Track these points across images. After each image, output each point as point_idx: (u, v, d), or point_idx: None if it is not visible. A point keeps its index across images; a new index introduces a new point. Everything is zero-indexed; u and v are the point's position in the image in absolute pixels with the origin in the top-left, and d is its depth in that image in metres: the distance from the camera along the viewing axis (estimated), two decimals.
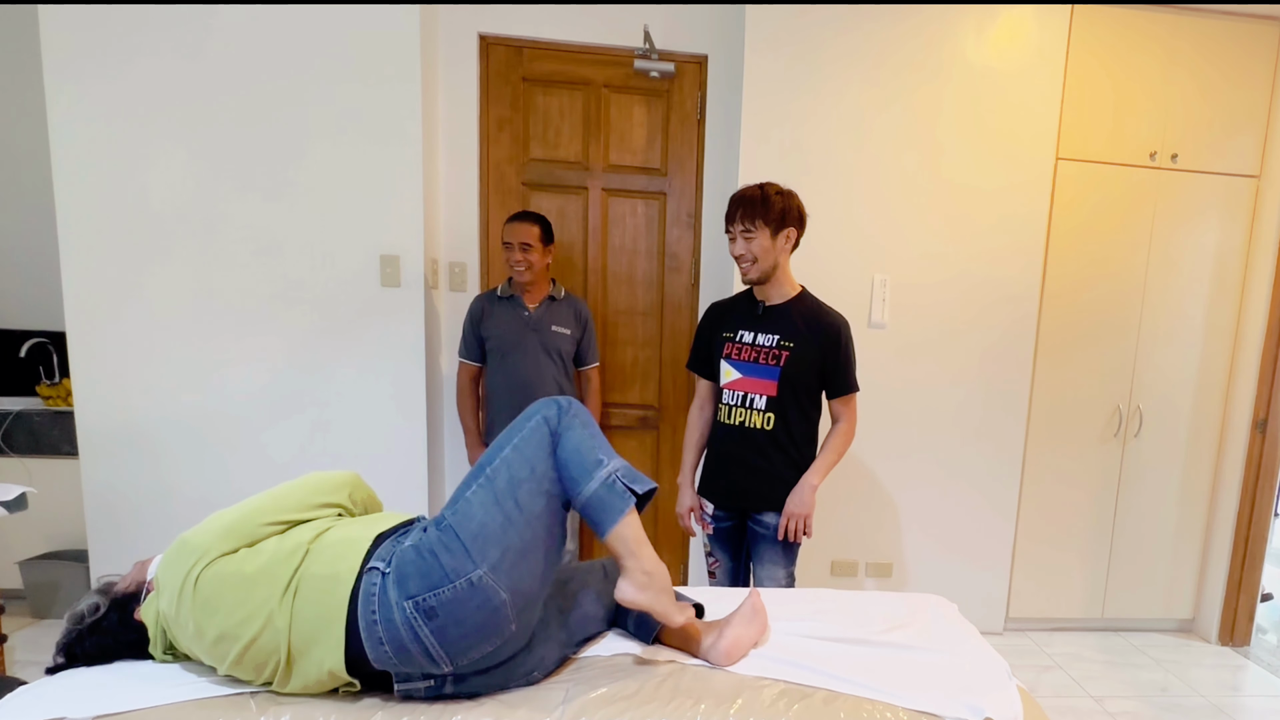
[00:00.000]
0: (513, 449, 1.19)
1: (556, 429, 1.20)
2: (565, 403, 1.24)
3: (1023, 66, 2.49)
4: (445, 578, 1.08)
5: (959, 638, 1.43)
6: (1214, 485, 2.84)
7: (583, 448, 1.19)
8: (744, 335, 1.87)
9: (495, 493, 1.15)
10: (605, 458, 1.20)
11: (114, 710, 1.06)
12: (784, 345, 1.83)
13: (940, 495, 2.69)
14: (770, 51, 2.41)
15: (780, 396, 1.83)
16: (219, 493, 2.38)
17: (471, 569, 1.09)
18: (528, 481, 1.17)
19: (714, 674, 1.23)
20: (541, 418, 1.21)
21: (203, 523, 1.16)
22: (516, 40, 2.60)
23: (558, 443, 1.19)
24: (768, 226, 1.76)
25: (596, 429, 1.25)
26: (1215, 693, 2.45)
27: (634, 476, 1.20)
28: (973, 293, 2.59)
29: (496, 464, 1.18)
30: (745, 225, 1.77)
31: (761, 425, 1.86)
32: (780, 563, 1.93)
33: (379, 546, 1.14)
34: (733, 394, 1.89)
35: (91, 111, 2.21)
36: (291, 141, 2.31)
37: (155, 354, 2.33)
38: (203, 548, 1.10)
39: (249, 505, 1.18)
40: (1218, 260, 2.71)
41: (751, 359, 1.85)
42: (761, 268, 1.81)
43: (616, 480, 1.18)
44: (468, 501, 1.15)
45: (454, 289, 2.67)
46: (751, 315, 1.89)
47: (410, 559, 1.10)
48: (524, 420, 1.23)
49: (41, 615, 2.54)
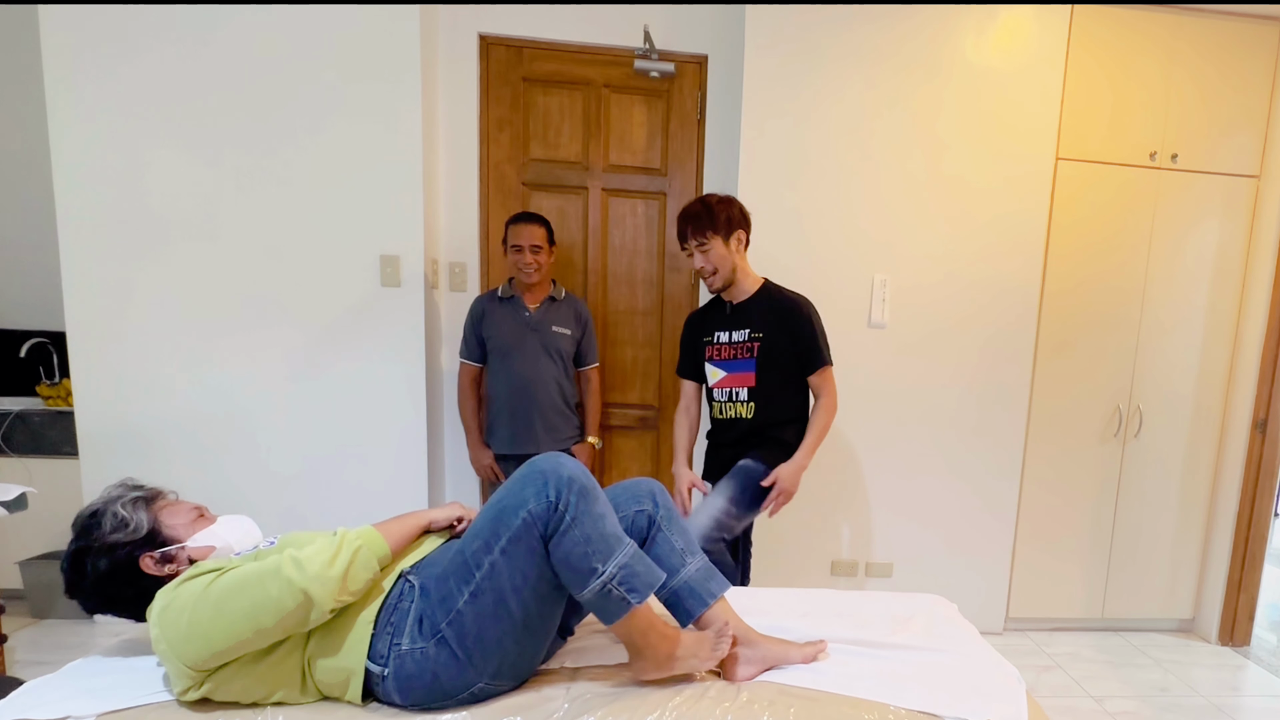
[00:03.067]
0: (501, 554, 1.08)
1: (545, 532, 1.07)
2: (554, 494, 1.07)
3: (1023, 66, 2.49)
4: (447, 693, 1.10)
5: (960, 639, 1.43)
6: (1214, 485, 2.84)
7: (573, 558, 1.07)
8: (720, 336, 2.00)
9: (492, 607, 1.08)
10: (600, 564, 1.07)
11: (116, 708, 1.06)
12: (754, 337, 1.94)
13: (940, 495, 2.69)
14: (770, 51, 2.41)
15: (759, 385, 1.95)
16: (219, 493, 2.38)
17: (473, 682, 1.11)
18: (521, 590, 1.09)
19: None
20: (529, 515, 1.07)
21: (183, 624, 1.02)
22: (516, 40, 2.59)
23: (549, 546, 1.08)
24: (718, 234, 1.89)
25: (595, 508, 1.10)
26: (1215, 693, 2.45)
27: (632, 582, 1.09)
28: (972, 293, 2.59)
29: (485, 569, 1.08)
30: (698, 239, 1.89)
31: (745, 415, 1.97)
32: (745, 508, 1.90)
33: (376, 629, 1.11)
34: (721, 392, 2.02)
35: (91, 111, 2.21)
36: (291, 142, 2.31)
37: (155, 354, 2.33)
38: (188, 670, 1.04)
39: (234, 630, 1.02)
40: (1218, 260, 2.71)
41: (730, 356, 1.98)
42: (723, 275, 1.94)
43: (612, 590, 1.08)
44: (461, 615, 1.08)
45: (454, 289, 2.67)
46: (722, 316, 2.02)
47: (410, 673, 1.09)
48: (510, 508, 1.08)
49: (41, 615, 2.54)
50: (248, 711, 1.07)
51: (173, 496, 1.26)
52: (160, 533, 1.16)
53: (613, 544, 1.09)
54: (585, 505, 1.08)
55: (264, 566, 1.04)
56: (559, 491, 1.07)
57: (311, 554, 1.05)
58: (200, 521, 1.22)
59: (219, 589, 1.03)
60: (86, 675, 1.16)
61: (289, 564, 1.03)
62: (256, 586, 1.02)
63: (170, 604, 1.04)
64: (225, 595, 1.02)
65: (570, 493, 1.07)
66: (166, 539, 1.16)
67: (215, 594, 1.02)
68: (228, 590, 1.03)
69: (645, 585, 1.11)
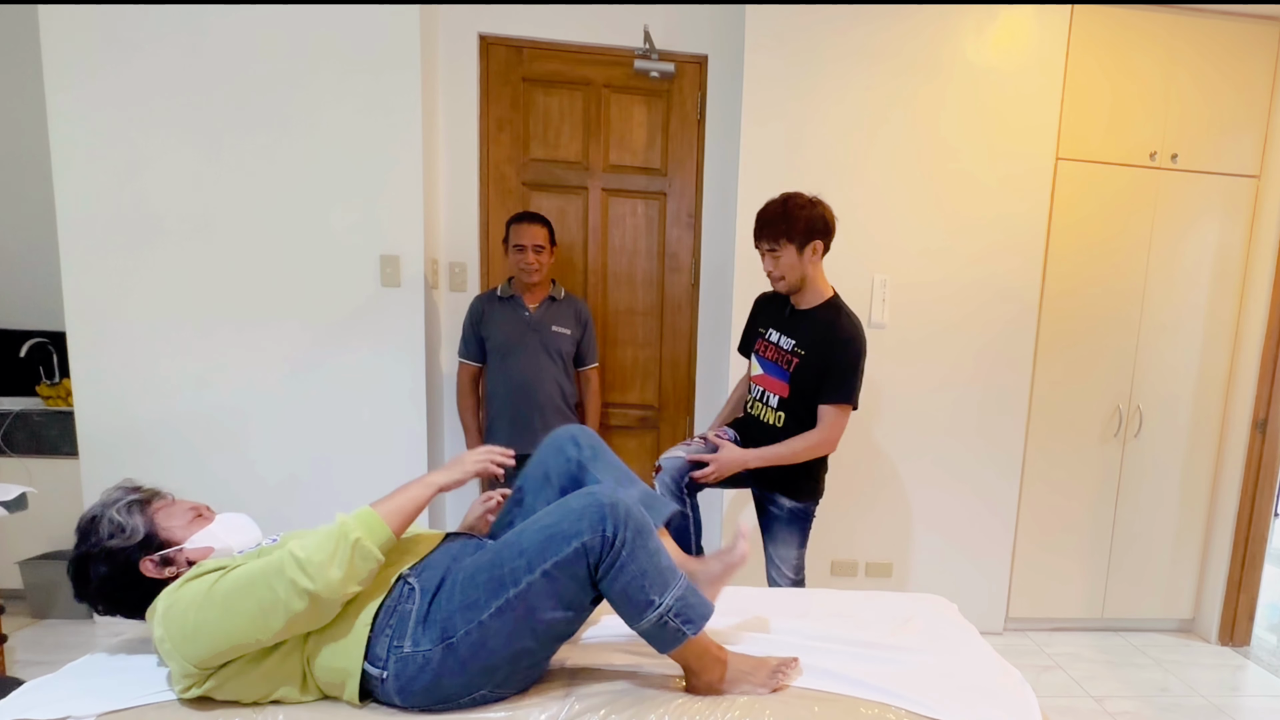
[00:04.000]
0: (544, 576, 1.06)
1: (595, 562, 1.06)
2: (612, 531, 1.06)
3: (1023, 66, 2.49)
4: (449, 697, 1.10)
5: (960, 639, 1.43)
6: (1214, 485, 2.84)
7: (630, 590, 1.07)
8: (772, 334, 1.93)
9: (515, 623, 1.07)
10: (657, 597, 1.07)
11: (116, 708, 1.06)
12: (797, 352, 1.86)
13: (940, 495, 2.69)
14: (770, 51, 2.41)
15: (790, 399, 1.88)
16: (219, 492, 2.37)
17: (478, 689, 1.10)
18: (553, 611, 1.08)
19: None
20: (582, 546, 1.05)
21: (187, 622, 1.01)
22: (516, 40, 2.59)
23: (598, 578, 1.07)
24: (792, 243, 1.78)
25: (650, 544, 1.09)
26: (1215, 693, 2.45)
27: (688, 614, 1.10)
28: (972, 293, 2.59)
29: (522, 587, 1.06)
30: (769, 244, 1.80)
31: (773, 422, 1.91)
32: (793, 544, 1.98)
33: (373, 632, 1.10)
34: (756, 387, 1.97)
35: (91, 111, 2.22)
36: (291, 141, 2.31)
37: (155, 354, 2.33)
38: (193, 668, 1.04)
39: (241, 629, 1.01)
40: (1218, 260, 2.71)
41: (773, 358, 1.91)
42: (790, 282, 1.84)
43: (669, 622, 1.08)
44: (484, 626, 1.06)
45: (454, 289, 2.67)
46: (781, 315, 1.93)
47: (411, 675, 1.08)
48: (564, 535, 1.06)
49: (41, 615, 2.54)
50: (248, 710, 1.07)
51: (170, 497, 1.26)
52: (157, 535, 1.16)
53: (668, 577, 1.10)
54: (641, 541, 1.08)
55: (268, 566, 1.03)
56: (616, 528, 1.06)
57: (312, 551, 1.03)
58: (198, 522, 1.22)
59: (225, 589, 1.03)
60: (86, 675, 1.16)
61: (291, 564, 1.02)
62: (264, 587, 1.01)
63: (174, 604, 1.04)
64: (232, 595, 1.02)
65: (627, 530, 1.07)
66: (164, 541, 1.16)
67: (221, 594, 1.02)
68: (234, 590, 1.02)
69: (700, 616, 1.11)
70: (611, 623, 1.36)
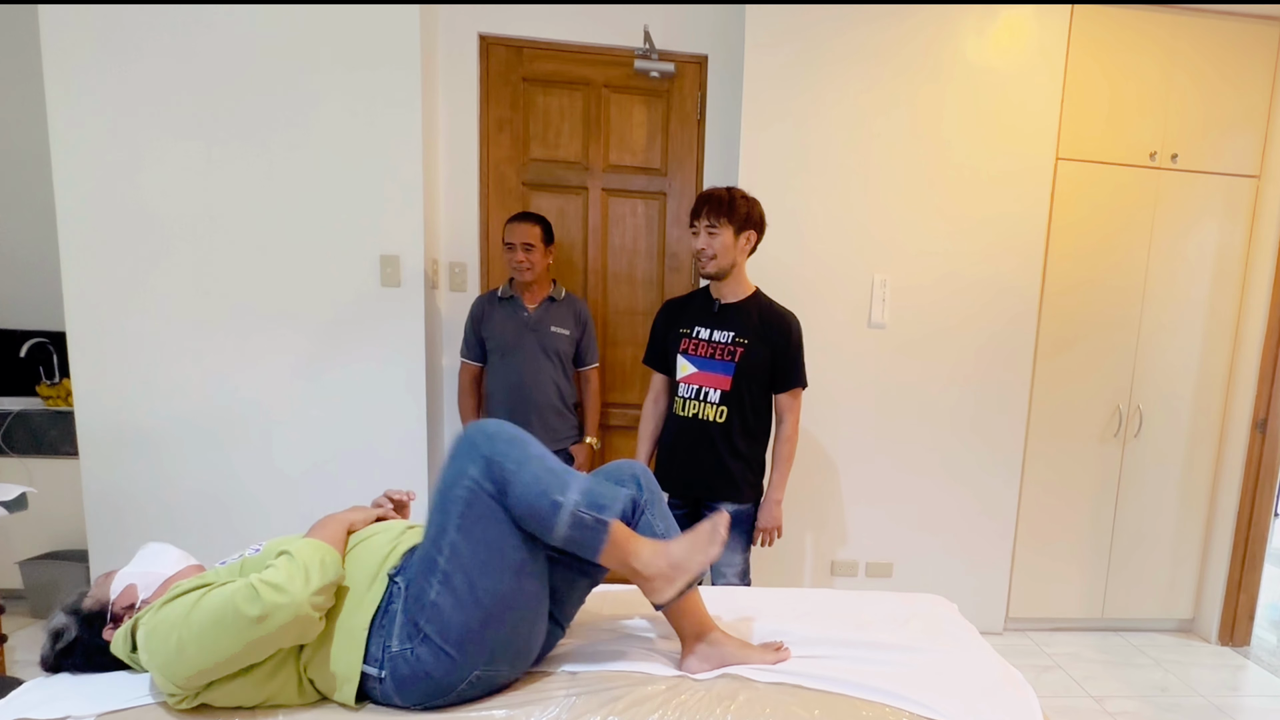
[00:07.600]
0: (458, 531, 1.05)
1: (494, 491, 1.04)
2: (487, 450, 1.05)
3: (1023, 66, 2.49)
4: (443, 689, 1.09)
5: (960, 639, 1.43)
6: (1214, 485, 2.84)
7: (530, 498, 1.04)
8: (700, 332, 1.97)
9: (457, 593, 1.05)
10: (559, 495, 1.05)
11: (116, 708, 1.06)
12: (739, 342, 1.92)
13: (940, 495, 2.69)
14: (770, 51, 2.41)
15: (734, 390, 1.93)
16: (219, 492, 2.39)
17: (468, 672, 1.09)
18: (489, 563, 1.05)
19: (715, 675, 1.23)
20: (471, 482, 1.04)
21: (170, 644, 0.98)
22: (516, 40, 2.59)
23: (504, 501, 1.05)
24: (731, 225, 1.87)
25: (531, 450, 1.08)
26: (1215, 693, 2.45)
27: (599, 501, 1.08)
28: (973, 293, 2.59)
29: (447, 553, 1.05)
30: (710, 221, 1.87)
31: (715, 418, 1.95)
32: (738, 548, 2.02)
33: (370, 634, 1.09)
34: (688, 388, 1.98)
35: (91, 111, 2.21)
36: (291, 141, 2.31)
37: (155, 354, 2.33)
38: (176, 688, 1.02)
39: (224, 650, 0.98)
40: (1218, 260, 2.71)
41: (708, 354, 1.95)
42: (720, 264, 1.89)
43: (583, 516, 1.06)
44: (436, 607, 1.06)
45: (454, 289, 2.67)
46: (708, 312, 1.98)
47: (404, 674, 1.07)
48: (451, 483, 1.06)
49: (41, 615, 2.54)
50: (247, 714, 1.07)
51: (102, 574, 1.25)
52: (95, 612, 1.16)
53: (564, 476, 1.09)
54: (521, 450, 1.06)
55: (241, 591, 0.99)
56: (490, 446, 1.05)
57: (285, 575, 1.00)
58: (110, 574, 1.20)
59: (206, 610, 0.99)
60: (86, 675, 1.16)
61: (267, 590, 0.98)
62: (243, 607, 0.97)
63: (155, 627, 1.01)
64: (214, 617, 0.98)
65: (500, 442, 1.05)
66: (102, 614, 1.16)
67: (203, 615, 0.98)
68: (215, 612, 0.98)
69: (613, 500, 1.10)
70: (612, 623, 1.36)
